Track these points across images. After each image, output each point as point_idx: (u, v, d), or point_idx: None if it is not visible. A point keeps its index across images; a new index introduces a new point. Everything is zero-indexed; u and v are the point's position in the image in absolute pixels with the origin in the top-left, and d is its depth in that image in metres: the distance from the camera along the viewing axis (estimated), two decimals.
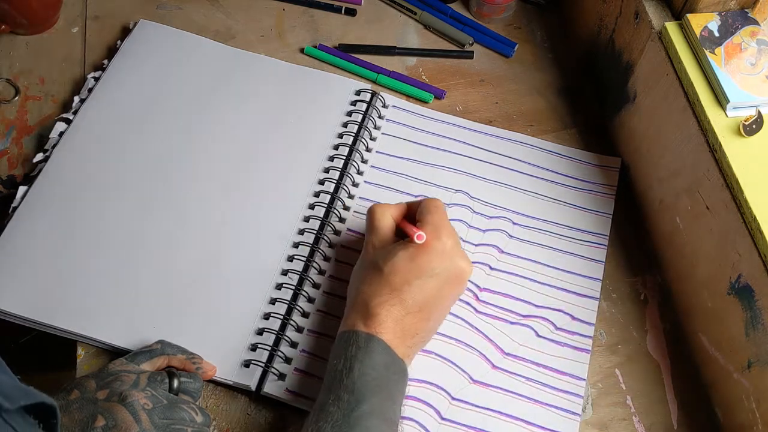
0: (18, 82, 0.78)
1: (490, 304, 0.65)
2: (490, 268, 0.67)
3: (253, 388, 0.60)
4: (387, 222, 0.60)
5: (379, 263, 0.57)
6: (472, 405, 0.60)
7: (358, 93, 0.77)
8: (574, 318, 0.65)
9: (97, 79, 0.77)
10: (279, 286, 0.65)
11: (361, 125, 0.74)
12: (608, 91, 0.76)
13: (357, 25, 0.84)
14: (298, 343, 0.62)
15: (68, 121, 0.74)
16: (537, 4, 0.86)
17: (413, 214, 0.60)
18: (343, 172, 0.71)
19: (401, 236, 0.59)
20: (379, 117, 0.76)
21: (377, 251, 0.58)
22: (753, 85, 0.59)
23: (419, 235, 0.55)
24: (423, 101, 0.78)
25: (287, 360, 0.61)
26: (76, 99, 0.75)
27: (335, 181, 0.70)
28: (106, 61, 0.79)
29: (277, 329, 0.62)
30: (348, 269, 0.66)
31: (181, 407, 0.54)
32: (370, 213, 0.61)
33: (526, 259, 0.68)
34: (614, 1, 0.71)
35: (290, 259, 0.66)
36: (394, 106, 0.77)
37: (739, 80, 0.59)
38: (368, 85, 0.77)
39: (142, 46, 0.79)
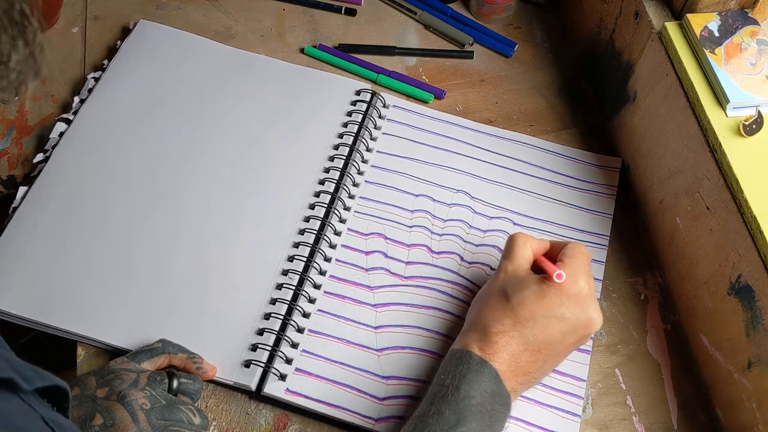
0: None
1: None
2: (491, 268, 0.67)
3: (254, 388, 0.60)
4: (526, 253, 0.58)
5: (507, 291, 0.56)
6: None
7: (358, 93, 0.77)
8: None
9: (97, 79, 0.77)
10: (279, 286, 0.65)
11: (361, 125, 0.74)
12: (608, 91, 0.76)
13: (357, 25, 0.84)
14: (299, 343, 0.62)
15: (68, 122, 0.74)
16: (537, 4, 0.86)
17: (555, 254, 0.59)
18: (344, 171, 0.71)
19: (536, 272, 0.58)
20: (380, 117, 0.76)
21: (508, 279, 0.57)
22: (753, 85, 0.59)
23: (559, 274, 0.54)
24: (423, 101, 0.78)
25: (288, 360, 0.61)
26: (76, 99, 0.75)
27: (335, 181, 0.70)
28: (106, 61, 0.78)
29: (277, 329, 0.62)
30: (348, 270, 0.66)
31: (180, 408, 0.55)
32: (512, 239, 0.59)
33: None
34: (614, 1, 0.71)
35: (290, 259, 0.66)
36: (394, 105, 0.77)
37: (739, 80, 0.59)
38: (368, 85, 0.77)
39: (142, 46, 0.79)
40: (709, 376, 0.62)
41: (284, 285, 0.64)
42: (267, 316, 0.63)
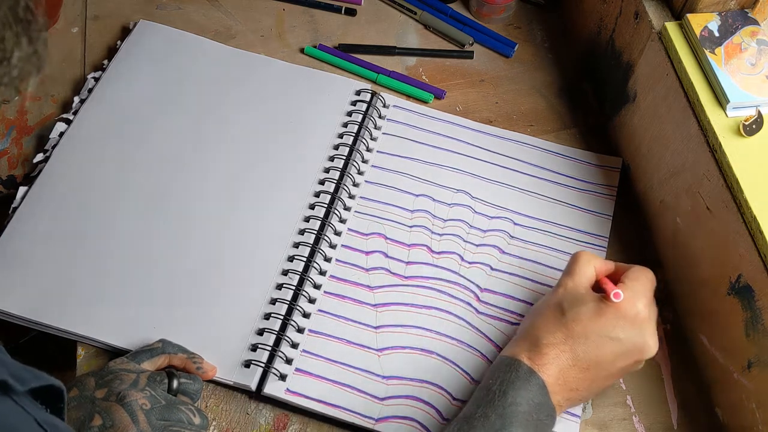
0: None
1: (491, 304, 0.65)
2: (491, 268, 0.67)
3: (254, 388, 0.60)
4: (589, 271, 0.58)
5: (563, 305, 0.55)
6: None
7: (358, 93, 0.77)
8: None
9: (97, 80, 0.77)
10: (279, 286, 0.65)
11: (361, 125, 0.74)
12: (608, 91, 0.76)
13: (357, 25, 0.84)
14: (299, 343, 0.62)
15: (68, 122, 0.74)
16: (537, 4, 0.86)
17: (618, 276, 0.58)
18: (344, 171, 0.71)
19: (597, 292, 0.57)
20: (380, 117, 0.76)
21: (567, 294, 0.57)
22: (753, 85, 0.59)
23: (616, 293, 0.54)
24: (423, 101, 0.78)
25: (288, 360, 0.61)
26: (76, 99, 0.75)
27: (335, 181, 0.70)
28: (106, 61, 0.78)
29: (277, 329, 0.62)
30: (348, 270, 0.66)
31: (180, 408, 0.54)
32: (576, 256, 0.59)
33: (526, 260, 0.68)
34: (614, 1, 0.71)
35: (290, 259, 0.66)
36: (394, 105, 0.77)
37: (739, 80, 0.59)
38: (368, 85, 0.77)
39: (142, 46, 0.79)
40: (709, 376, 0.62)
41: (284, 285, 0.64)
42: (267, 316, 0.63)
